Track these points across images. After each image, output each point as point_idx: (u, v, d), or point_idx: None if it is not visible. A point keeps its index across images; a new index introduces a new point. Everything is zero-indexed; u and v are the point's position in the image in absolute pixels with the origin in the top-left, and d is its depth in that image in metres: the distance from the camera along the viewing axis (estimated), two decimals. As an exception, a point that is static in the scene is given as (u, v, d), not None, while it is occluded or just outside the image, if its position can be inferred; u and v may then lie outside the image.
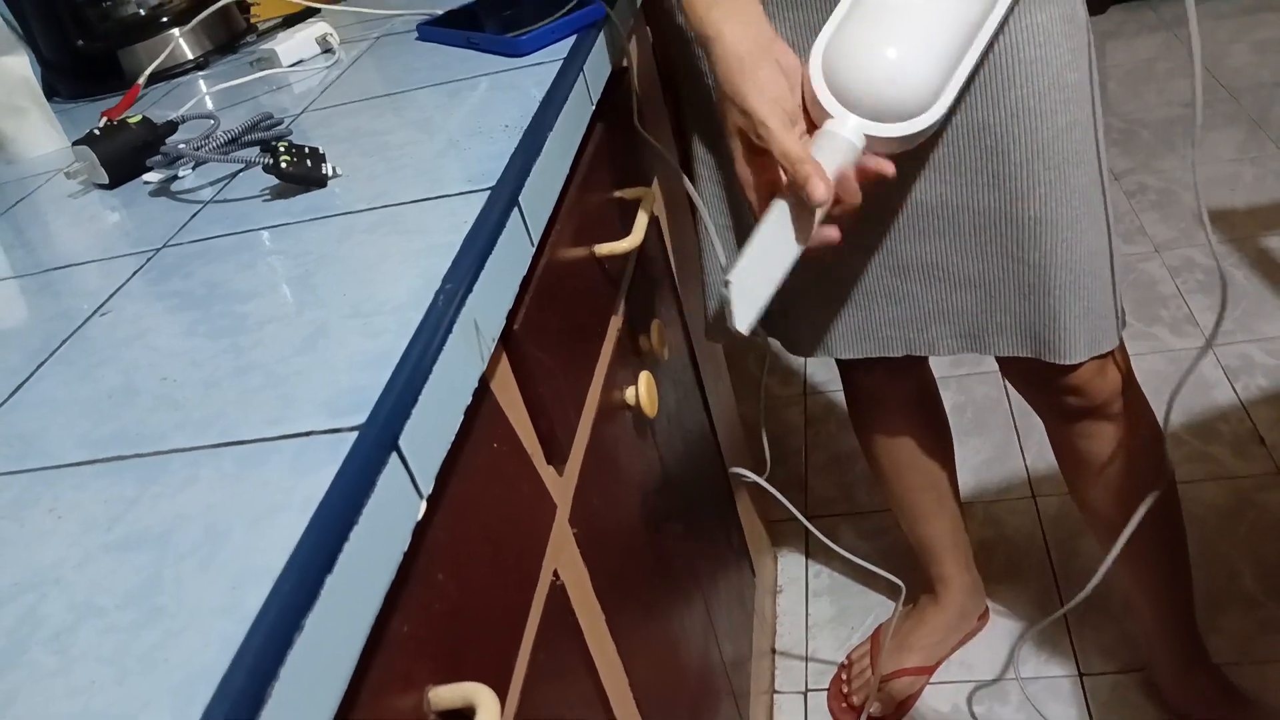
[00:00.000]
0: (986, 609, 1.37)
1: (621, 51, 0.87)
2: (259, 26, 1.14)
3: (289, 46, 0.94)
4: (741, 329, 0.70)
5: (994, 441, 1.65)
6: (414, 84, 0.81)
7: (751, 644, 1.26)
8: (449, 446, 0.48)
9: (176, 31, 1.06)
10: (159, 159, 0.72)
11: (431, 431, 0.46)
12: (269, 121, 0.74)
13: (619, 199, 0.91)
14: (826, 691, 1.36)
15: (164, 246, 0.65)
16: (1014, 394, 1.74)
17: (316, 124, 0.78)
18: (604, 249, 0.83)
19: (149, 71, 1.01)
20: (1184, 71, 2.65)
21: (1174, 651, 1.17)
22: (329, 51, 0.96)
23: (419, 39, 0.92)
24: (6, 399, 0.53)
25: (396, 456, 0.43)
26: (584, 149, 0.79)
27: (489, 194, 0.60)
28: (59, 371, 0.54)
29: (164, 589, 0.37)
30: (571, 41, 0.80)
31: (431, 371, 0.47)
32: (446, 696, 0.46)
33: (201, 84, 1.03)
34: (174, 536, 0.39)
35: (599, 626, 0.73)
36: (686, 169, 0.98)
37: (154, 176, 0.76)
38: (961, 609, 1.33)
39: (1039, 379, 0.96)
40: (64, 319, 0.60)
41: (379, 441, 0.42)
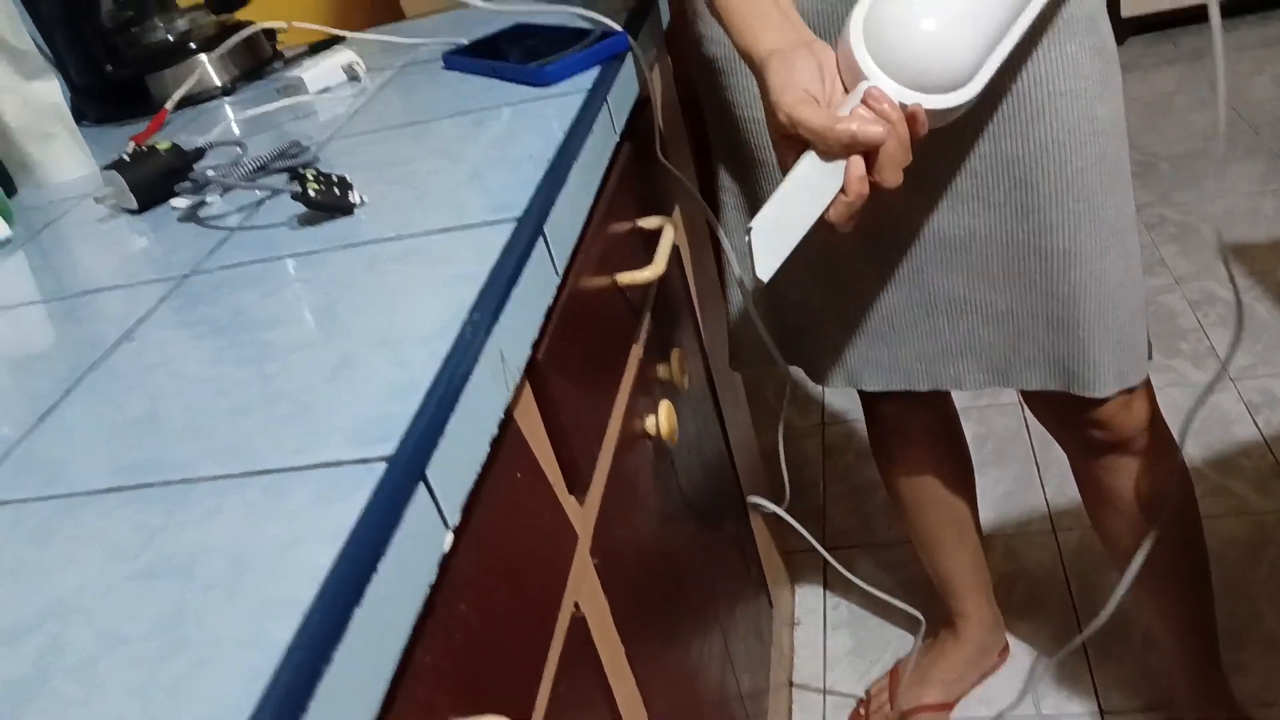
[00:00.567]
0: (1006, 644, 1.35)
1: (644, 82, 0.87)
2: (285, 54, 1.15)
3: (315, 74, 0.95)
4: (762, 277, 0.67)
5: (1014, 474, 1.64)
6: (439, 113, 0.82)
7: (769, 676, 1.25)
8: (475, 478, 0.48)
9: (204, 58, 1.07)
10: (187, 185, 0.73)
11: (458, 462, 0.46)
12: (296, 149, 0.75)
13: (640, 228, 0.91)
14: (844, 726, 1.34)
15: (191, 273, 0.65)
16: (1034, 426, 1.72)
17: (342, 151, 0.79)
18: (626, 278, 0.83)
19: (176, 97, 1.02)
20: (1203, 104, 2.65)
21: (1197, 688, 1.15)
22: (355, 79, 0.97)
23: (445, 68, 0.93)
24: (34, 426, 0.53)
25: (424, 488, 0.43)
26: (607, 178, 0.80)
27: (515, 225, 0.60)
28: (86, 398, 0.54)
29: (189, 619, 0.37)
30: (596, 72, 0.81)
31: (458, 402, 0.47)
32: (469, 729, 0.45)
33: (228, 109, 1.04)
34: (200, 566, 0.39)
35: (619, 659, 0.73)
36: (708, 197, 0.98)
37: (181, 202, 0.76)
38: (982, 644, 1.31)
39: (1065, 412, 0.95)
40: (91, 345, 0.60)
41: (407, 472, 0.42)
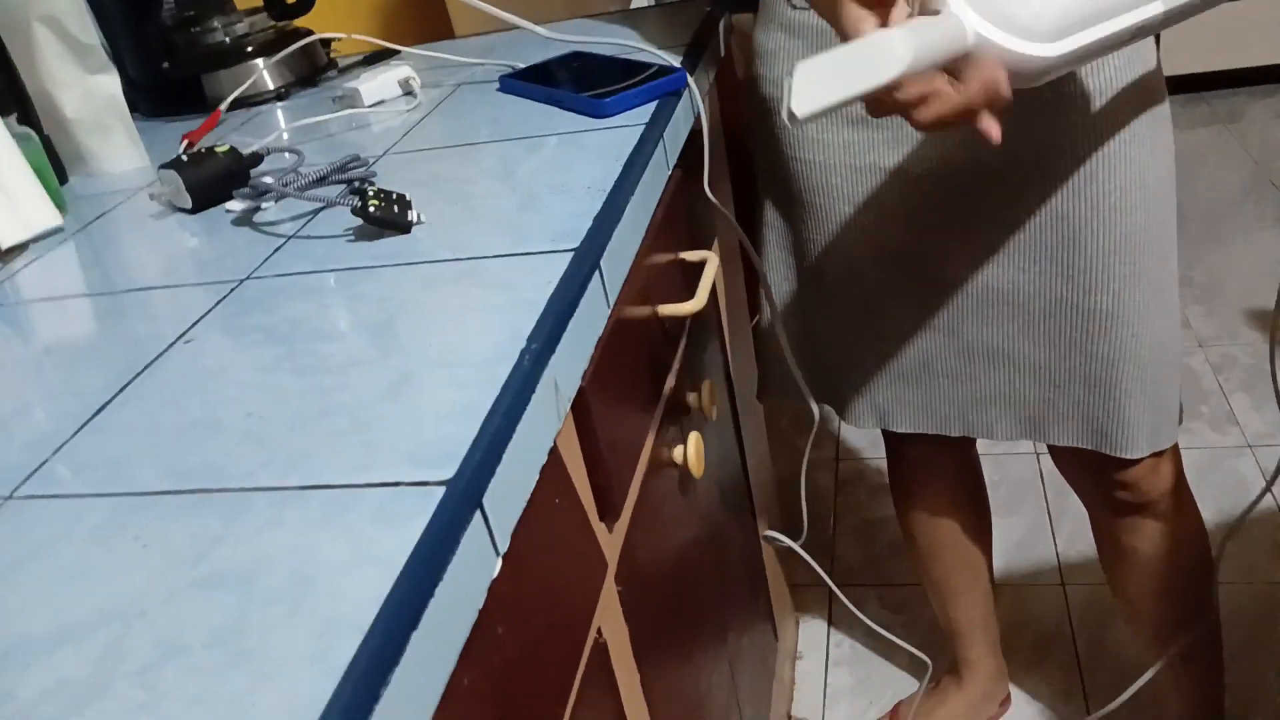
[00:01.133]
0: (1008, 694, 1.35)
1: (697, 119, 0.88)
2: (339, 62, 1.16)
3: (372, 87, 0.97)
4: (797, 112, 0.61)
5: (1026, 523, 1.64)
6: (496, 135, 0.83)
7: (770, 708, 1.25)
8: (525, 505, 0.48)
9: (260, 62, 1.08)
10: (246, 191, 0.74)
11: (511, 490, 0.47)
12: (356, 163, 0.76)
13: (682, 260, 0.92)
14: (842, 765, 1.34)
15: (247, 278, 0.66)
16: (1049, 476, 1.73)
17: (399, 167, 0.80)
18: (667, 309, 0.84)
19: (231, 99, 1.04)
20: (1234, 165, 2.65)
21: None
22: (410, 94, 0.98)
23: (499, 90, 0.94)
24: (89, 419, 0.54)
25: (479, 514, 0.43)
26: (655, 210, 0.81)
27: (572, 255, 0.61)
28: (142, 397, 0.55)
29: (251, 632, 0.37)
30: (653, 107, 0.82)
31: (515, 430, 0.47)
32: (502, 753, 0.46)
33: (280, 114, 1.05)
34: (260, 579, 0.40)
35: (634, 685, 0.73)
36: (748, 230, 0.99)
37: (236, 205, 0.77)
38: (985, 692, 1.31)
39: (1092, 470, 0.95)
40: (147, 343, 0.61)
41: (465, 498, 0.43)
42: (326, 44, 1.15)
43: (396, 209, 0.66)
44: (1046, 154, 0.83)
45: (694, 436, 0.87)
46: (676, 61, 0.89)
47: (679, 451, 0.87)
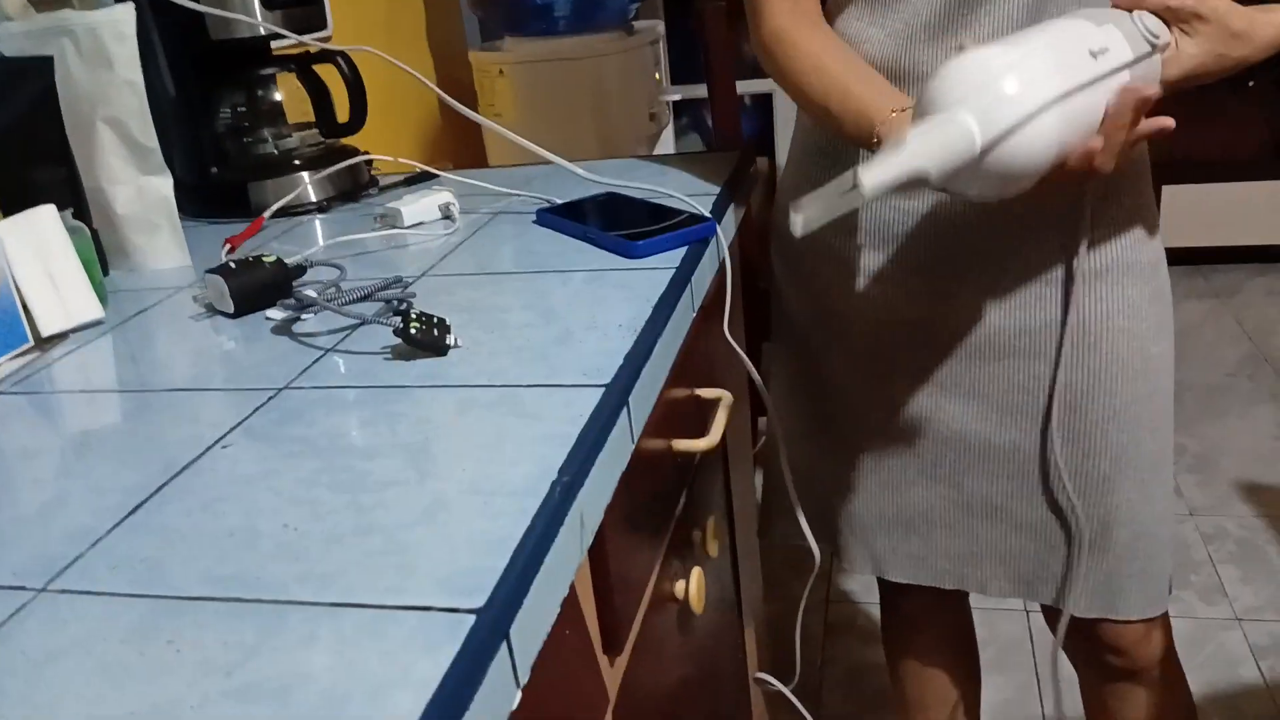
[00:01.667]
0: None
1: (723, 265, 0.92)
2: (380, 181, 1.21)
3: (413, 209, 1.01)
4: (803, 227, 0.63)
5: (1014, 683, 1.63)
6: (532, 266, 0.87)
7: None
8: (545, 638, 0.49)
9: (306, 175, 1.13)
10: (291, 302, 0.77)
11: (534, 622, 0.48)
12: (397, 284, 0.79)
13: (698, 396, 0.95)
14: None
15: (285, 387, 0.69)
16: (1038, 636, 1.72)
17: (436, 290, 0.83)
18: (682, 445, 0.86)
19: (275, 208, 1.08)
20: (1230, 340, 2.71)
21: None
22: (449, 219, 1.02)
23: (535, 222, 0.99)
24: (126, 517, 0.55)
25: (505, 645, 0.45)
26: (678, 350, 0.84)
27: (603, 391, 0.63)
28: (179, 499, 0.56)
29: (283, 747, 0.38)
30: (682, 252, 0.86)
31: (543, 562, 0.49)
32: None
33: (320, 226, 1.09)
34: (294, 694, 0.41)
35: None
36: (761, 374, 1.02)
37: (277, 314, 0.80)
38: None
39: (1084, 632, 0.96)
40: (185, 444, 0.63)
41: (494, 628, 0.44)
42: (369, 162, 1.20)
43: (436, 332, 0.69)
44: (1053, 321, 0.87)
45: (696, 572, 0.88)
46: (706, 209, 0.93)
47: (680, 587, 0.88)
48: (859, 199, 0.62)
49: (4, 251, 0.81)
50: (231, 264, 0.83)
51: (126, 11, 0.95)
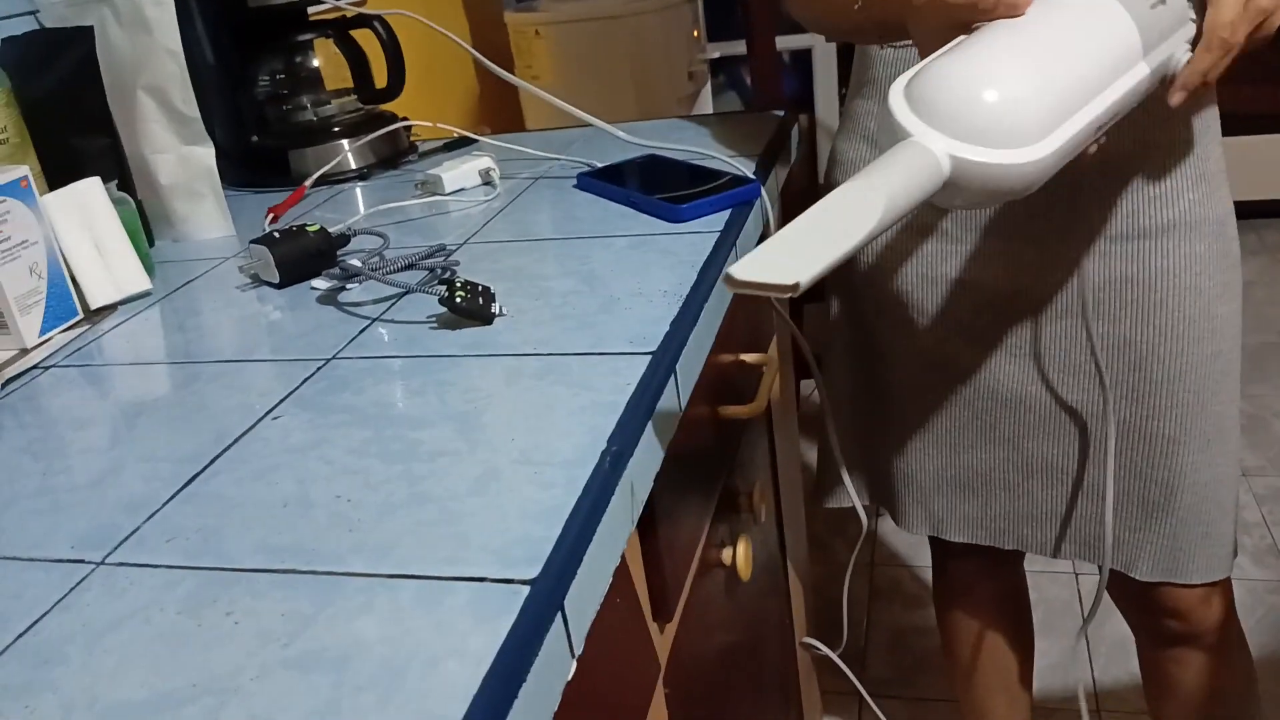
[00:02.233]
0: (1040, 824, 1.32)
1: (767, 228, 0.91)
2: (419, 147, 1.20)
3: (453, 175, 1.00)
4: (801, 283, 0.51)
5: (1061, 647, 1.62)
6: (575, 232, 0.86)
7: (796, 821, 1.23)
8: (599, 608, 0.49)
9: (346, 143, 1.13)
10: (336, 272, 0.77)
11: (587, 591, 0.48)
12: (441, 252, 0.79)
13: (742, 361, 0.94)
14: None
15: (334, 357, 0.69)
16: (1088, 598, 1.70)
17: (480, 257, 0.83)
18: (729, 411, 0.85)
19: (316, 176, 1.08)
20: (1282, 297, 2.65)
21: None
22: (489, 185, 1.01)
23: (576, 187, 0.98)
24: (181, 488, 0.56)
25: (560, 616, 0.44)
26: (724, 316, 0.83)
27: (651, 358, 0.63)
28: (233, 469, 0.57)
29: (343, 718, 0.38)
30: (727, 215, 0.84)
31: (595, 533, 0.49)
32: None
33: (360, 194, 1.09)
34: (351, 664, 0.41)
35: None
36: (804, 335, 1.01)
37: (322, 284, 0.80)
38: (1015, 820, 1.28)
39: (1143, 597, 0.95)
40: (236, 415, 0.63)
41: (549, 599, 0.44)
42: (408, 129, 1.19)
43: (481, 300, 0.69)
44: (1117, 279, 0.85)
45: (744, 540, 0.88)
46: (749, 170, 0.92)
47: (728, 553, 0.87)
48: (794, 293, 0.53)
49: (52, 225, 0.81)
50: (275, 234, 0.83)
51: (164, -21, 0.95)
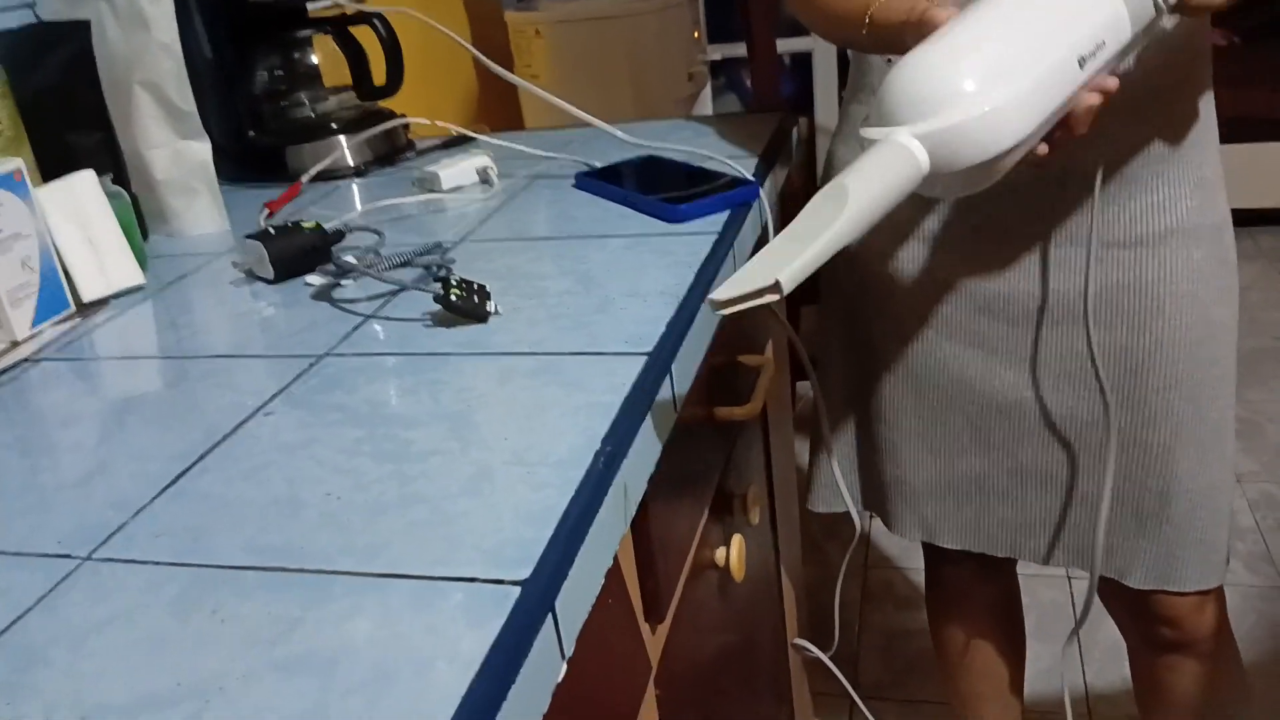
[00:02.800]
0: (1031, 829, 1.32)
1: (765, 229, 0.90)
2: (417, 145, 1.20)
3: (451, 173, 1.00)
4: (783, 284, 0.56)
5: (1053, 651, 1.61)
6: (571, 232, 0.85)
7: (787, 824, 1.22)
8: (590, 609, 0.49)
9: (343, 139, 1.12)
10: (331, 269, 0.76)
11: (579, 593, 0.47)
12: (437, 249, 0.78)
13: (739, 363, 0.94)
14: None
15: (326, 354, 0.68)
16: (1080, 604, 1.70)
17: (475, 255, 0.82)
18: (724, 413, 0.85)
19: (313, 172, 1.07)
20: (1277, 303, 2.65)
21: None
22: (487, 183, 1.01)
23: (574, 186, 0.97)
24: (169, 485, 0.55)
25: (551, 617, 0.44)
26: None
27: (646, 359, 0.62)
28: (222, 466, 0.56)
29: (330, 721, 0.38)
30: (725, 216, 0.84)
31: (587, 533, 0.48)
32: None
33: (357, 190, 1.08)
34: (340, 667, 0.40)
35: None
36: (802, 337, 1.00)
37: (316, 280, 0.80)
38: (1007, 826, 1.28)
39: (1136, 604, 0.95)
40: (227, 412, 0.62)
41: (540, 601, 0.43)
42: (406, 126, 1.19)
43: (477, 299, 0.68)
44: (1114, 286, 0.85)
45: (737, 539, 0.87)
46: (748, 172, 0.91)
47: (720, 554, 0.87)
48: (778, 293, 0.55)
49: (45, 217, 0.81)
50: (270, 229, 0.83)
51: (162, -27, 0.94)
